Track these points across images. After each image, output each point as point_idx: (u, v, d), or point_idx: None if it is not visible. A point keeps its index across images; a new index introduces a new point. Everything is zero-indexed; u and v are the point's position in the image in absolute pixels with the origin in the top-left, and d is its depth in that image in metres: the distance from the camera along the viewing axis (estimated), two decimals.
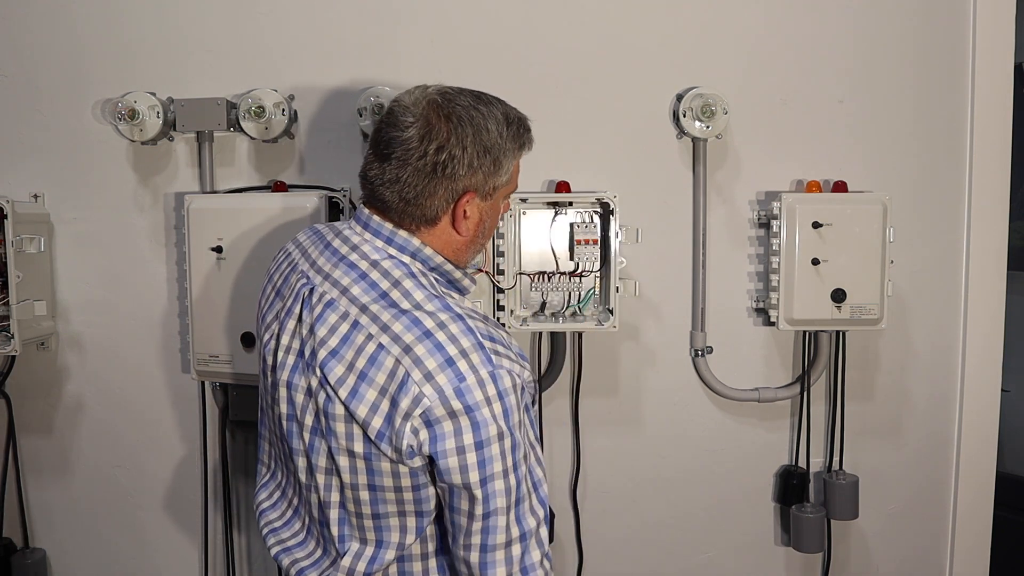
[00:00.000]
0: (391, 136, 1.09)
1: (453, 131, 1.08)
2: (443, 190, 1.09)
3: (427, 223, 1.11)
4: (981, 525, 1.83)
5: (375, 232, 1.13)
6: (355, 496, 1.09)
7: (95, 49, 1.75)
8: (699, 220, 1.73)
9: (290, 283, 1.17)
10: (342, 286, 1.09)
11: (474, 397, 1.01)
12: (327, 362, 1.05)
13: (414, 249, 1.12)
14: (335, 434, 1.06)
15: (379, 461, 1.05)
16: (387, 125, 1.10)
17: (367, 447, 1.04)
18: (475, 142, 1.09)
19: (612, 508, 1.83)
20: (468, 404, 1.00)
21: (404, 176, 1.08)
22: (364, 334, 1.05)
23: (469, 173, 1.09)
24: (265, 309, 1.21)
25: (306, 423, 1.10)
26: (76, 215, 1.79)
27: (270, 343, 1.16)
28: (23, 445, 1.85)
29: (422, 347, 1.02)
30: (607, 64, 1.72)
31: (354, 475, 1.07)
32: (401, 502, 1.08)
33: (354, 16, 1.72)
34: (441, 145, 1.07)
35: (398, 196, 1.09)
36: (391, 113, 1.11)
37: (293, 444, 1.13)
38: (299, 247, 1.22)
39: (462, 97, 1.11)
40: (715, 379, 1.78)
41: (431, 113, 1.08)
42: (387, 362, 1.03)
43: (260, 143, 1.75)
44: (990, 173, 1.75)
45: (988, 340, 1.79)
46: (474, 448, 1.01)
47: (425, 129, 1.07)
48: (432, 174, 1.08)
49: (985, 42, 1.72)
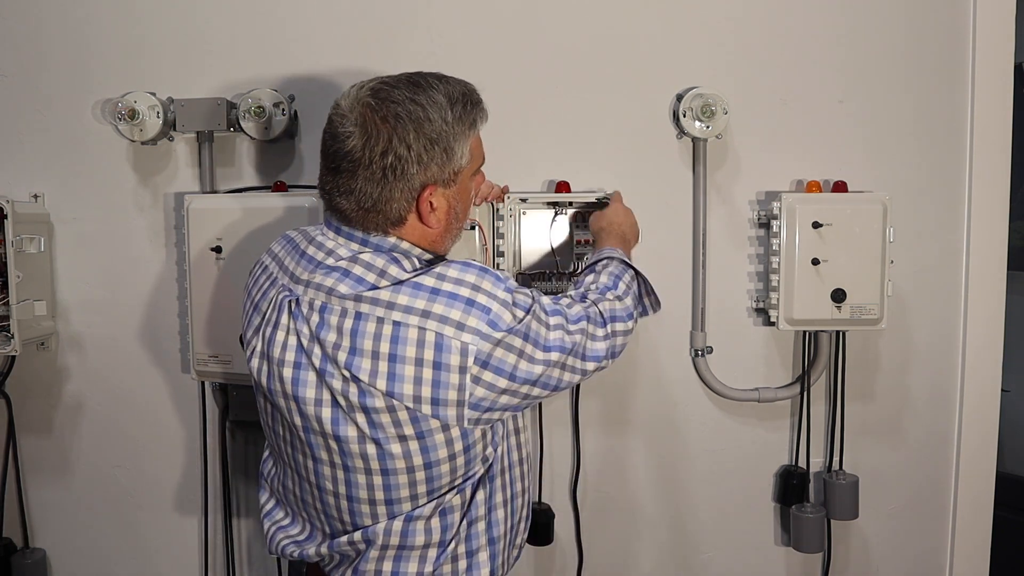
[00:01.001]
0: (334, 149, 1.07)
1: (393, 131, 1.05)
2: (399, 191, 1.07)
3: (394, 224, 1.10)
4: (981, 525, 1.83)
5: (348, 236, 1.12)
6: (411, 479, 1.09)
7: (95, 49, 1.75)
8: (699, 220, 1.73)
9: (268, 297, 1.15)
10: (327, 287, 1.08)
11: (505, 320, 1.05)
12: (351, 362, 1.04)
13: (390, 246, 1.11)
14: (381, 426, 1.05)
15: (432, 436, 1.06)
16: (330, 137, 1.09)
17: (418, 427, 1.05)
18: (418, 137, 1.06)
19: (612, 508, 1.83)
20: (507, 327, 1.05)
21: (356, 186, 1.07)
22: (373, 321, 1.04)
23: (421, 169, 1.07)
24: (246, 325, 1.20)
25: (328, 432, 1.09)
26: (76, 215, 1.79)
27: (254, 360, 1.15)
28: (23, 445, 1.85)
29: (439, 304, 1.03)
30: (607, 64, 1.72)
31: (409, 459, 1.07)
32: (454, 470, 1.10)
33: (354, 16, 1.72)
34: (385, 149, 1.05)
35: (356, 205, 1.08)
36: (331, 122, 1.09)
37: (317, 455, 1.12)
38: (275, 259, 1.20)
39: (397, 91, 1.07)
40: (715, 379, 1.78)
41: (367, 117, 1.05)
42: (411, 335, 1.03)
43: (260, 143, 1.75)
44: (990, 173, 1.75)
45: (988, 340, 1.79)
46: (526, 342, 1.06)
47: (364, 136, 1.05)
48: (384, 179, 1.06)
49: (985, 42, 1.72)
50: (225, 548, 1.84)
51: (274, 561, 1.84)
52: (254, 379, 1.17)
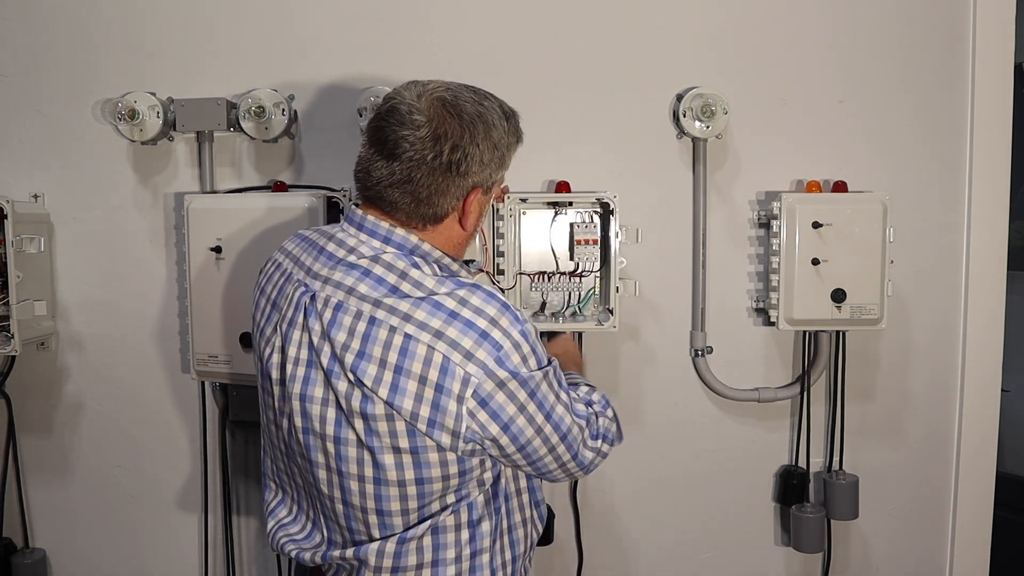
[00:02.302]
0: (400, 135, 1.06)
1: (466, 129, 1.07)
2: (455, 188, 1.09)
3: (435, 221, 1.11)
4: (981, 525, 1.83)
5: (371, 232, 1.11)
6: (402, 493, 1.08)
7: (95, 49, 1.75)
8: (699, 220, 1.73)
9: (286, 293, 1.14)
10: (346, 286, 1.08)
11: (513, 361, 1.04)
12: (357, 365, 1.04)
13: (412, 246, 1.11)
14: (377, 434, 1.05)
15: (427, 453, 1.05)
16: (397, 124, 1.07)
17: (413, 441, 1.05)
18: (486, 139, 1.09)
19: (612, 508, 1.83)
20: (512, 369, 1.03)
21: (417, 176, 1.07)
22: (386, 328, 1.04)
23: (480, 170, 1.09)
24: (263, 323, 1.18)
25: (327, 433, 1.08)
26: (76, 215, 1.79)
27: (274, 356, 1.14)
28: (23, 445, 1.85)
29: (453, 329, 1.03)
30: (607, 64, 1.72)
31: (401, 471, 1.07)
32: (447, 489, 1.09)
33: (354, 16, 1.72)
34: (456, 144, 1.06)
35: (410, 196, 1.08)
36: (395, 111, 1.08)
37: (313, 457, 1.11)
38: (289, 256, 1.19)
39: (465, 93, 1.10)
40: (715, 379, 1.78)
41: (442, 111, 1.07)
42: (419, 351, 1.03)
43: (260, 143, 1.75)
44: (990, 173, 1.75)
45: (988, 340, 1.78)
46: (530, 399, 1.05)
47: (440, 128, 1.06)
48: (447, 173, 1.07)
49: (985, 42, 1.72)
50: (225, 548, 1.84)
51: (274, 561, 1.84)
52: (268, 374, 1.16)
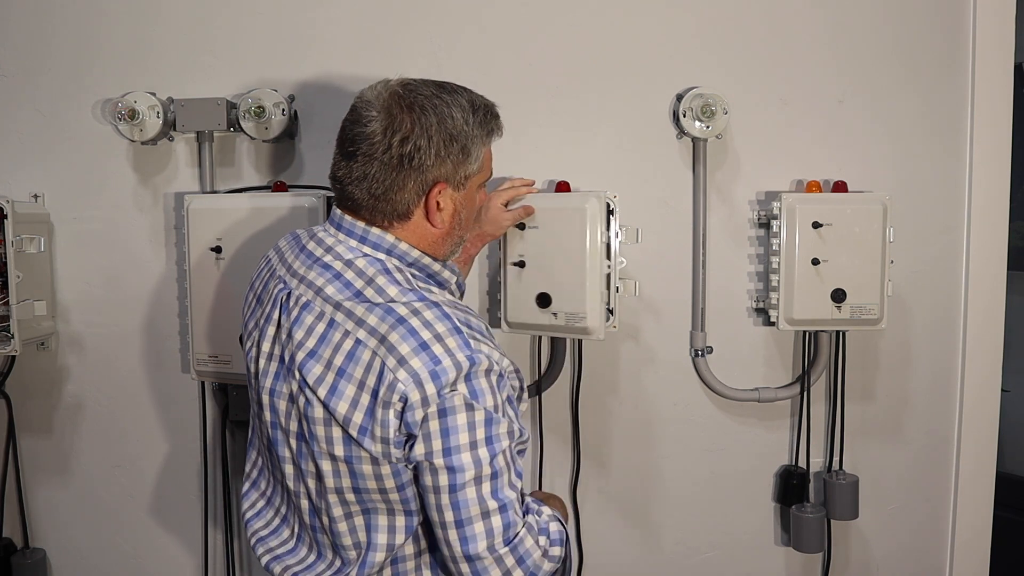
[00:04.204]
0: (355, 133, 1.08)
1: (416, 121, 1.06)
2: (412, 182, 1.08)
3: (399, 218, 1.10)
4: (981, 525, 1.83)
5: (348, 232, 1.12)
6: (342, 499, 1.08)
7: (95, 49, 1.75)
8: (699, 220, 1.73)
9: (269, 289, 1.16)
10: (316, 286, 1.09)
11: (448, 378, 0.99)
12: (305, 363, 1.05)
13: (389, 245, 1.11)
14: (316, 438, 1.05)
15: (360, 464, 1.04)
16: (351, 122, 1.09)
17: (347, 450, 1.04)
18: (440, 130, 1.07)
19: (612, 508, 1.83)
20: (447, 388, 0.99)
21: (371, 171, 1.07)
22: (340, 331, 1.04)
23: (437, 163, 1.08)
24: (248, 318, 1.21)
25: (291, 429, 1.10)
26: (76, 215, 1.79)
27: (251, 351, 1.16)
28: (23, 445, 1.85)
29: (396, 334, 1.01)
30: (607, 64, 1.72)
31: (338, 479, 1.07)
32: (388, 502, 1.07)
33: (354, 16, 1.72)
34: (405, 136, 1.06)
35: (367, 192, 1.08)
36: (354, 110, 1.10)
37: (280, 452, 1.13)
38: (278, 252, 1.21)
39: (425, 87, 1.09)
40: (715, 379, 1.78)
41: (393, 105, 1.07)
42: (364, 355, 1.02)
43: (260, 143, 1.75)
44: (990, 173, 1.75)
45: (988, 340, 1.78)
46: (441, 419, 0.99)
47: (387, 121, 1.06)
48: (399, 167, 1.06)
49: (985, 42, 1.72)
50: (225, 548, 1.84)
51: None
52: (249, 368, 1.18)
